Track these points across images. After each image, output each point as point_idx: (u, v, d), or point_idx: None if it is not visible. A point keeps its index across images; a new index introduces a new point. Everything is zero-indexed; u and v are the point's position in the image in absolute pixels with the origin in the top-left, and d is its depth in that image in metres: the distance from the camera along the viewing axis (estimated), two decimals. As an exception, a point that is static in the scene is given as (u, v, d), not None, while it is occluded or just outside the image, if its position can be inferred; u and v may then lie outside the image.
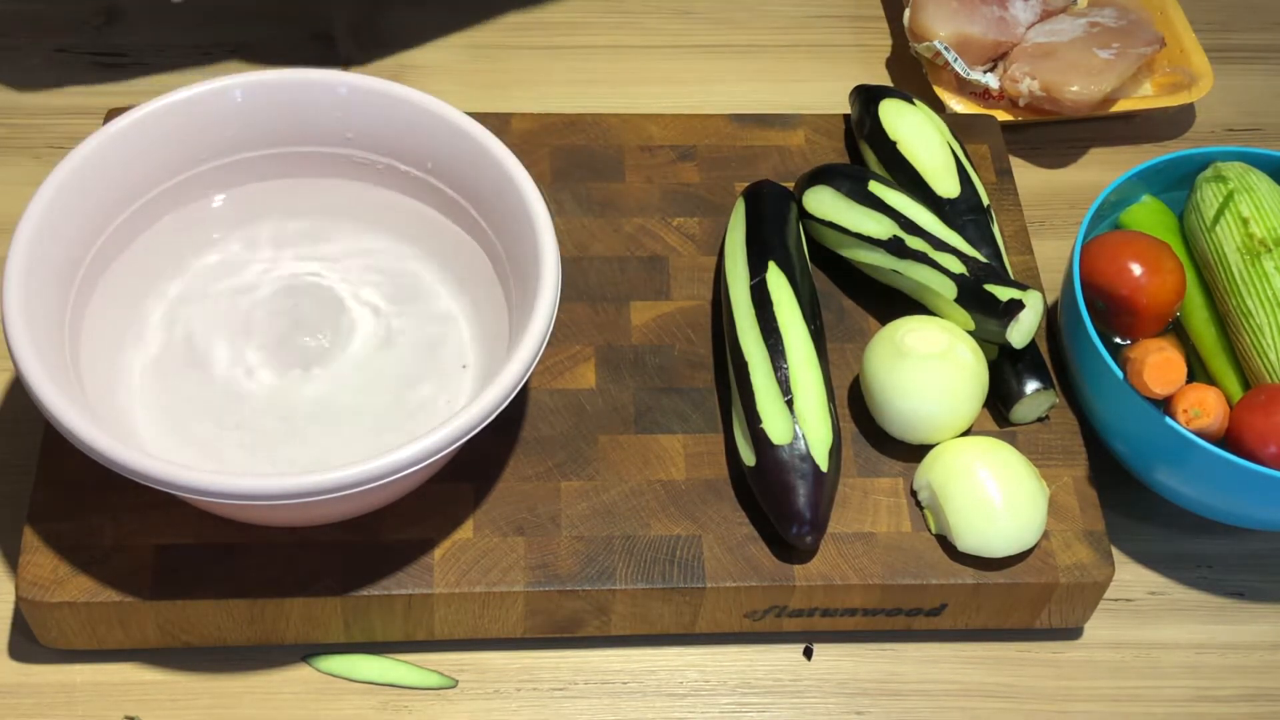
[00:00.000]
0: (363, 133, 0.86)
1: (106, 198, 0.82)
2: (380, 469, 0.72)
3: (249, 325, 0.86)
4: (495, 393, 0.74)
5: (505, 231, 0.83)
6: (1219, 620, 0.88)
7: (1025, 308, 0.85)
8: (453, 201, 0.87)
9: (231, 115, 0.85)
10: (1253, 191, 0.89)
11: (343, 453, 0.81)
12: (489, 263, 0.86)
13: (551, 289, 0.78)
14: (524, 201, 0.81)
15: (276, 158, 0.88)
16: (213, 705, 0.80)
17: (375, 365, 0.85)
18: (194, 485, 0.71)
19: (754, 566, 0.81)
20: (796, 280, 0.87)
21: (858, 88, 0.99)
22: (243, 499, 0.71)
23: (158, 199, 0.85)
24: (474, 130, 0.84)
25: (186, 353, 0.85)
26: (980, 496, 0.81)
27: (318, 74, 0.85)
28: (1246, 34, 1.18)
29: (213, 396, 0.83)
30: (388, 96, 0.85)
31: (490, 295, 0.85)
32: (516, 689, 0.82)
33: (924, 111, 0.96)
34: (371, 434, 0.83)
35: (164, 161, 0.85)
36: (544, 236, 0.80)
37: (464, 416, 0.73)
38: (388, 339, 0.86)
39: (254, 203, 0.89)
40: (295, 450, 0.82)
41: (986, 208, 0.93)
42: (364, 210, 0.89)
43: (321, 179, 0.89)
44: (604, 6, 1.15)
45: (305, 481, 0.71)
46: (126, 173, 0.83)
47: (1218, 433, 0.82)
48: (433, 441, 0.73)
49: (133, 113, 0.83)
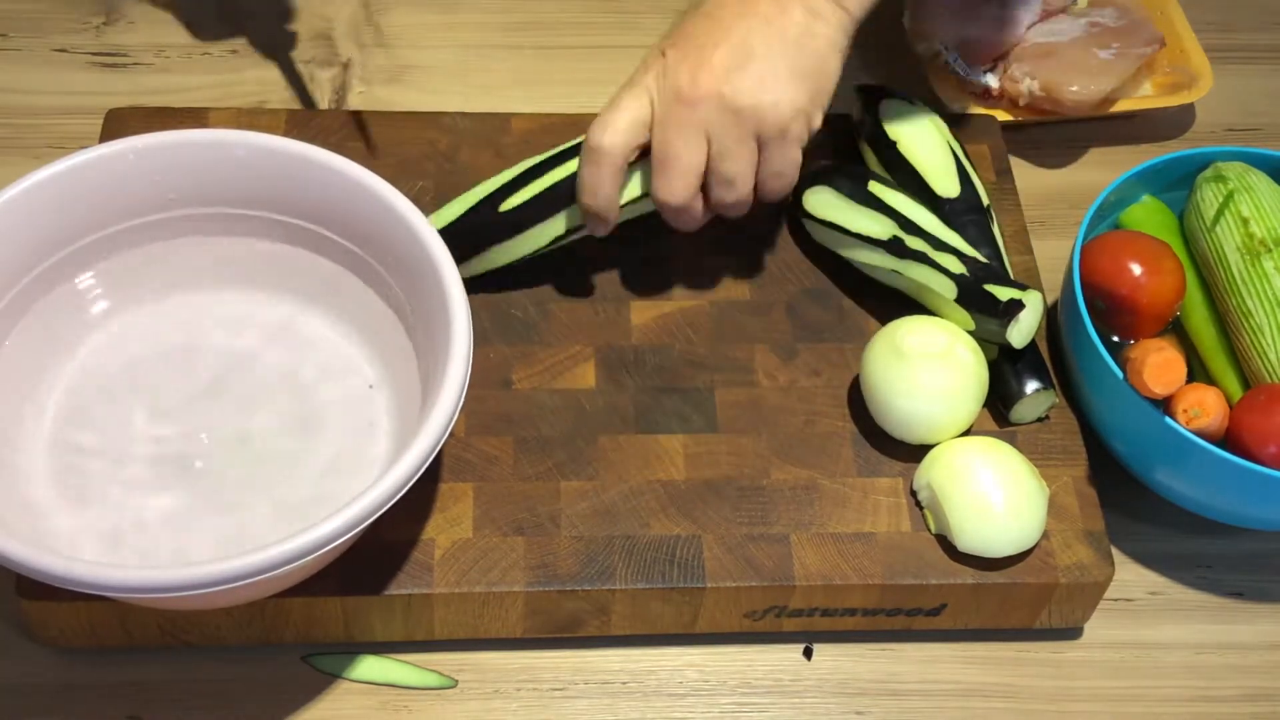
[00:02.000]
0: (260, 192, 0.83)
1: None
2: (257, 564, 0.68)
3: (148, 398, 0.83)
4: (403, 469, 0.71)
5: (415, 297, 0.81)
6: (1219, 620, 0.88)
7: (1025, 308, 0.85)
8: (362, 261, 0.84)
9: (125, 179, 0.81)
10: (1253, 191, 0.89)
11: (258, 530, 0.79)
12: (398, 321, 0.83)
13: (461, 364, 0.75)
14: (436, 268, 0.78)
15: (171, 221, 0.84)
16: (213, 705, 0.80)
17: (283, 435, 0.83)
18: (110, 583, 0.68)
19: (754, 566, 0.81)
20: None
21: (858, 87, 0.99)
22: (148, 591, 0.68)
23: (38, 278, 0.81)
24: (383, 191, 0.81)
25: (88, 430, 0.82)
26: (980, 496, 0.81)
27: (213, 135, 0.83)
28: (1246, 34, 1.18)
29: (118, 473, 0.80)
30: (285, 155, 0.82)
31: (402, 355, 0.83)
32: (516, 689, 0.82)
33: (924, 111, 0.96)
34: (275, 515, 0.80)
35: (54, 232, 0.81)
36: (456, 310, 0.76)
37: (355, 506, 0.70)
38: (299, 405, 0.84)
39: (149, 270, 0.85)
40: (210, 525, 0.79)
41: (986, 208, 0.93)
42: (257, 270, 0.86)
43: (214, 241, 0.85)
44: (604, 6, 1.15)
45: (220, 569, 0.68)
46: (15, 246, 0.79)
47: (1217, 433, 0.82)
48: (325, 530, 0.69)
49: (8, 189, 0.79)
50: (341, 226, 0.83)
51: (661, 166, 0.84)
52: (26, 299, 0.81)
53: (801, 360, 0.90)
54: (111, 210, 0.82)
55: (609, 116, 0.84)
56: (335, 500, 0.74)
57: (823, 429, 0.87)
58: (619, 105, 0.85)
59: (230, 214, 0.84)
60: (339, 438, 0.83)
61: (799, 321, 0.92)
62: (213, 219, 0.84)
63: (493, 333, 0.89)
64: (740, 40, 0.83)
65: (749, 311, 0.92)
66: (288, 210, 0.84)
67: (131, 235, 0.84)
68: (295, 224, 0.84)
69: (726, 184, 0.85)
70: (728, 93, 0.82)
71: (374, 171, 0.82)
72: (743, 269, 0.94)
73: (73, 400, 0.83)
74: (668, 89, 0.83)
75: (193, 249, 0.85)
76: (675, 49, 0.84)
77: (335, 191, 0.82)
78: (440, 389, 0.74)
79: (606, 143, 0.84)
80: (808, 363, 0.90)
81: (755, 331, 0.91)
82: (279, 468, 0.81)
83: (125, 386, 0.84)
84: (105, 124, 0.95)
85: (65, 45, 1.08)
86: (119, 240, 0.84)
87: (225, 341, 0.86)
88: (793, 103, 0.84)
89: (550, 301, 0.91)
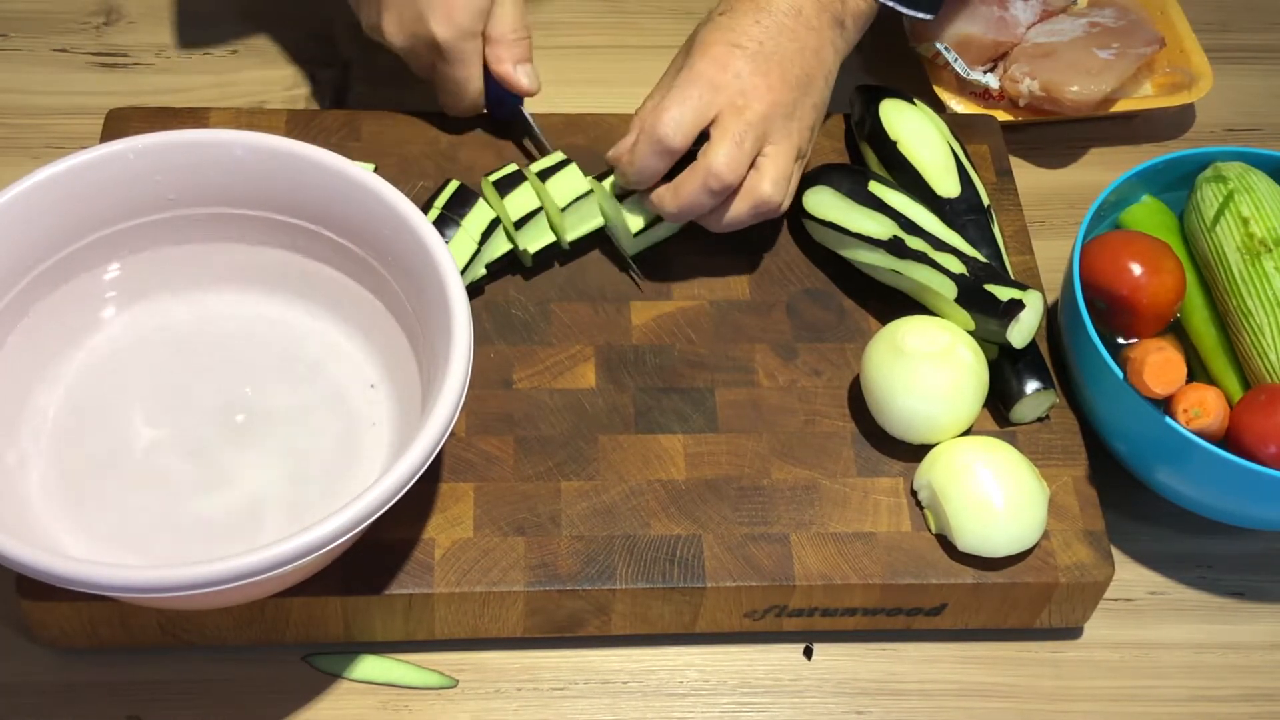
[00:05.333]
0: (259, 192, 0.83)
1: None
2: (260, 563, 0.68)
3: (148, 397, 0.83)
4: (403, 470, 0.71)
5: (416, 297, 0.81)
6: (1219, 620, 0.88)
7: (1025, 308, 0.85)
8: (361, 260, 0.84)
9: (124, 180, 0.81)
10: (1253, 191, 0.89)
11: (260, 526, 0.79)
12: (397, 321, 0.83)
13: (461, 367, 0.75)
14: (437, 269, 0.78)
15: (171, 221, 0.84)
16: (213, 705, 0.80)
17: (284, 434, 0.83)
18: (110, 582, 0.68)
19: (754, 566, 0.81)
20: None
21: (859, 87, 0.99)
22: (149, 591, 0.68)
23: (49, 271, 0.81)
24: (383, 191, 0.81)
25: (88, 430, 0.82)
26: (980, 496, 0.81)
27: (213, 134, 0.82)
28: (1246, 34, 1.18)
29: (122, 476, 0.81)
30: (285, 156, 0.82)
31: (402, 355, 0.83)
32: (516, 689, 0.82)
33: (924, 111, 0.96)
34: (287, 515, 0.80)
35: (53, 233, 0.81)
36: (458, 318, 0.76)
37: (358, 504, 0.70)
38: (299, 404, 0.84)
39: (148, 271, 0.85)
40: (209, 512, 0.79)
41: (987, 208, 0.93)
42: (256, 271, 0.86)
43: (214, 243, 0.85)
44: (604, 6, 1.15)
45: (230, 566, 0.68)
46: (14, 246, 0.79)
47: (1218, 433, 0.82)
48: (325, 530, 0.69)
49: (16, 185, 0.79)
50: (341, 226, 0.83)
51: (735, 142, 0.86)
52: (27, 299, 0.81)
53: (802, 360, 0.90)
54: (111, 211, 0.82)
55: (677, 113, 0.86)
56: (335, 500, 0.74)
57: (823, 429, 0.87)
58: (684, 100, 0.86)
59: (230, 214, 0.84)
60: (339, 437, 0.83)
61: (799, 321, 0.92)
62: (213, 219, 0.84)
63: (493, 333, 0.89)
64: (801, 63, 0.89)
65: (749, 311, 0.92)
66: (288, 210, 0.84)
67: (131, 235, 0.84)
68: (295, 224, 0.84)
69: (773, 178, 0.88)
70: (791, 117, 0.88)
71: (374, 171, 0.82)
72: (743, 269, 0.94)
73: (73, 400, 0.83)
74: (742, 87, 0.87)
75: (193, 249, 0.85)
76: (742, 50, 0.87)
77: (335, 191, 0.82)
78: (440, 389, 0.74)
79: (676, 139, 0.86)
80: (808, 362, 0.90)
81: (755, 331, 0.91)
82: (279, 467, 0.81)
83: (125, 386, 0.84)
84: (105, 124, 0.95)
85: (65, 45, 1.08)
86: (119, 240, 0.83)
87: (224, 341, 0.86)
88: (807, 136, 0.91)
89: (550, 301, 0.91)
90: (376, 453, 0.82)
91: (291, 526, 0.70)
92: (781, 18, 0.89)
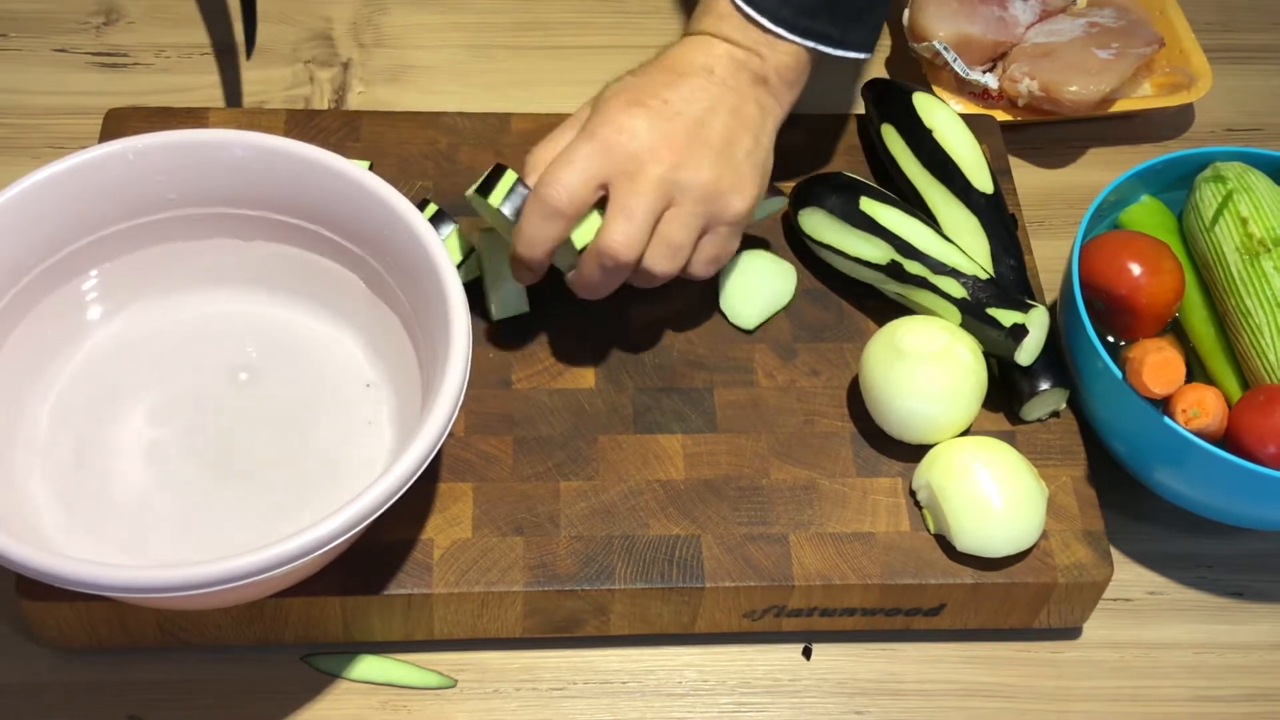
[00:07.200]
0: (258, 192, 0.83)
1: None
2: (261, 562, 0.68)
3: (147, 397, 0.83)
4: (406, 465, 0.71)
5: (415, 296, 0.80)
6: (1218, 620, 0.88)
7: (1029, 332, 0.85)
8: (360, 260, 0.84)
9: (124, 180, 0.81)
10: (1252, 191, 0.89)
11: (258, 528, 0.79)
12: (397, 321, 0.83)
13: (460, 365, 0.75)
14: (435, 269, 0.78)
15: (170, 221, 0.84)
16: (213, 705, 0.80)
17: (282, 434, 0.83)
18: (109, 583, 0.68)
19: (753, 566, 0.81)
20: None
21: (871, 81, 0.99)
22: (150, 591, 0.68)
23: (37, 279, 0.81)
24: (383, 191, 0.80)
25: (87, 431, 0.82)
26: (979, 496, 0.81)
27: (211, 134, 0.82)
28: (1246, 34, 1.18)
29: (120, 476, 0.81)
30: (285, 156, 0.82)
31: (401, 354, 0.83)
32: (516, 689, 0.82)
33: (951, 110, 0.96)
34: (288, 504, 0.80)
35: (52, 233, 0.80)
36: (456, 312, 0.76)
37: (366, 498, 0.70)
38: (298, 403, 0.84)
39: (148, 270, 0.85)
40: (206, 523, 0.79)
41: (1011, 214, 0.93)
42: (255, 270, 0.86)
43: (214, 241, 0.85)
44: (604, 6, 1.15)
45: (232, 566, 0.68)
46: (13, 246, 0.79)
47: (1216, 433, 0.82)
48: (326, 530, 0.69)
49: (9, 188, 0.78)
50: (341, 226, 0.83)
51: (625, 216, 0.81)
52: (27, 299, 0.81)
53: (801, 360, 0.90)
54: (111, 210, 0.82)
55: (566, 176, 0.81)
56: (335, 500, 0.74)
57: (822, 429, 0.87)
58: (573, 162, 0.81)
59: (230, 214, 0.84)
60: (338, 437, 0.83)
61: (798, 321, 0.92)
62: (213, 219, 0.84)
63: (493, 333, 0.89)
64: (716, 122, 0.83)
65: (748, 311, 0.92)
66: (287, 210, 0.84)
67: (131, 235, 0.84)
68: (295, 224, 0.84)
69: (670, 251, 0.83)
70: (708, 179, 0.82)
71: (374, 171, 0.82)
72: (742, 269, 0.94)
73: (73, 399, 0.83)
74: (637, 149, 0.81)
75: (192, 249, 0.85)
76: (644, 109, 0.82)
77: (335, 191, 0.82)
78: (440, 389, 0.74)
79: (566, 205, 0.81)
80: (807, 363, 0.90)
81: (754, 331, 0.91)
82: (278, 468, 0.82)
83: (124, 386, 0.84)
84: (105, 124, 0.95)
85: (65, 45, 1.08)
86: (119, 240, 0.83)
87: (224, 341, 0.86)
88: (752, 197, 0.85)
89: (550, 301, 0.91)
90: (375, 452, 0.82)
91: (290, 527, 0.70)
92: (692, 78, 0.84)
